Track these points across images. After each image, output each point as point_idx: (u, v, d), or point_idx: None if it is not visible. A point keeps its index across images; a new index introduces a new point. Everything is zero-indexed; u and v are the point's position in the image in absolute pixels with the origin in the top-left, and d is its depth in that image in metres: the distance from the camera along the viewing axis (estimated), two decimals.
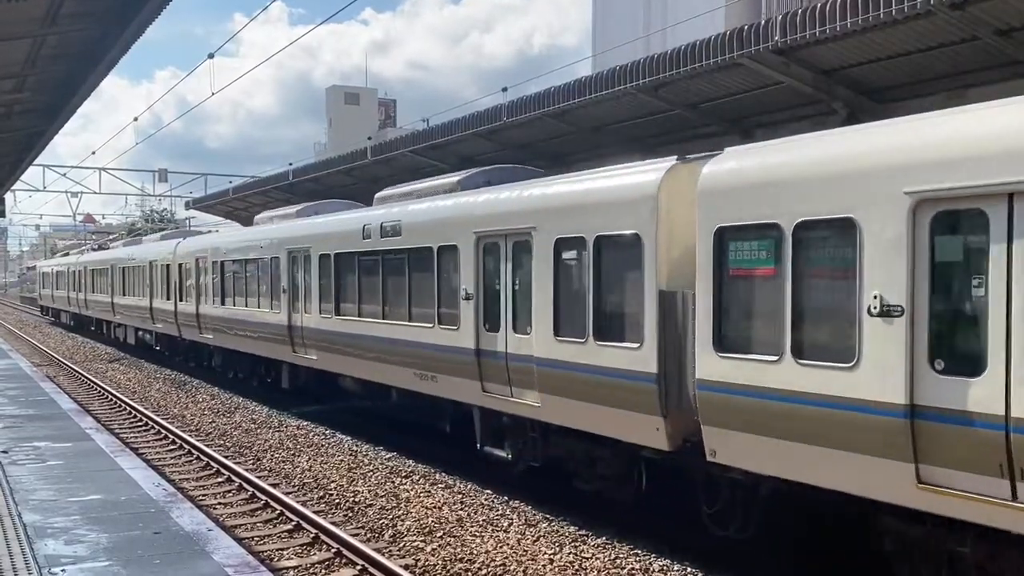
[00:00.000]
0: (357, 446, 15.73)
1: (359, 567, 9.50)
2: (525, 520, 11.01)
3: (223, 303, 22.43)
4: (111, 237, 58.48)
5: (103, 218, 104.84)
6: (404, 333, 14.12)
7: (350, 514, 11.68)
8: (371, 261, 15.41)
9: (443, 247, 12.95)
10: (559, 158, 19.55)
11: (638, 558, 9.56)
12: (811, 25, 11.51)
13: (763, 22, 12.40)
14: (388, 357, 14.61)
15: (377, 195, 16.74)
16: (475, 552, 9.84)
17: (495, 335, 11.84)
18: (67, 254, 63.48)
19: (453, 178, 14.30)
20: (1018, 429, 6.07)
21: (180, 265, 25.95)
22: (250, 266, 20.75)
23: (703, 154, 9.45)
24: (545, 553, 9.75)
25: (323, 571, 9.61)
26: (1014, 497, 6.08)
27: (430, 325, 13.26)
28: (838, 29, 11.17)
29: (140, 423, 18.85)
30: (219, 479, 13.81)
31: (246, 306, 20.85)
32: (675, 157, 9.72)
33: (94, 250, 52.74)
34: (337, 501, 12.29)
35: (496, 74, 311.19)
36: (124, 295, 33.51)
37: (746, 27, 12.59)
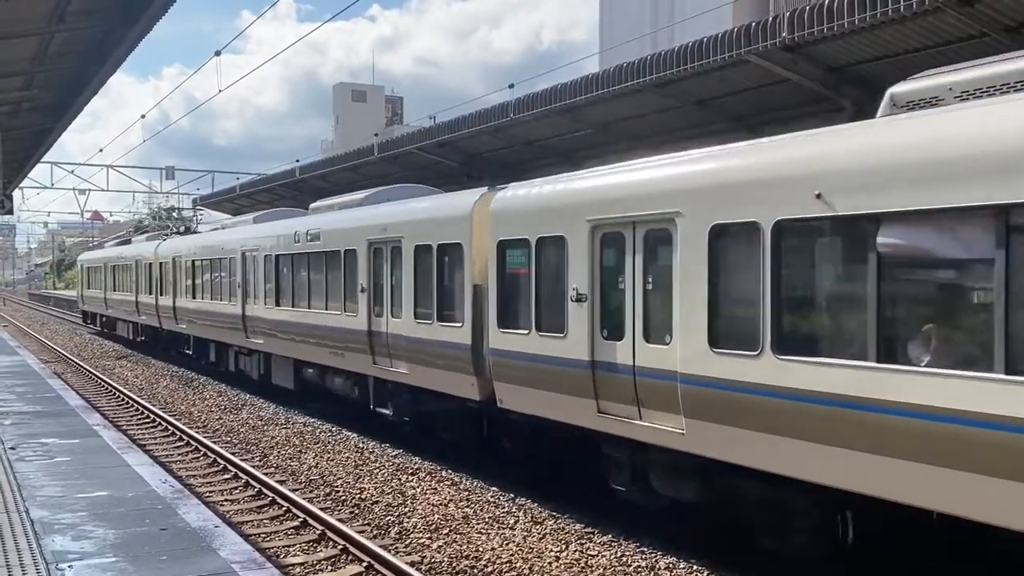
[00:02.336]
0: (363, 443, 15.75)
1: (365, 564, 9.50)
2: (531, 517, 11.01)
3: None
4: (120, 235, 56.10)
5: (111, 215, 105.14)
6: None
7: (356, 511, 11.70)
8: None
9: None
10: (567, 155, 19.54)
11: (644, 556, 9.55)
12: (819, 22, 11.48)
13: (771, 19, 12.38)
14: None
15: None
16: (481, 549, 9.84)
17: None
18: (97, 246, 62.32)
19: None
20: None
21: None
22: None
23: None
24: (551, 550, 9.75)
25: (329, 568, 9.62)
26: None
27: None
28: (846, 26, 11.14)
29: (147, 420, 18.89)
30: (226, 476, 13.84)
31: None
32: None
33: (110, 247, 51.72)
34: (343, 498, 12.31)
35: (504, 70, 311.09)
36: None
37: (753, 24, 12.56)
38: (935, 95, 7.45)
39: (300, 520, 11.19)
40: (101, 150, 40.58)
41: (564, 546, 9.89)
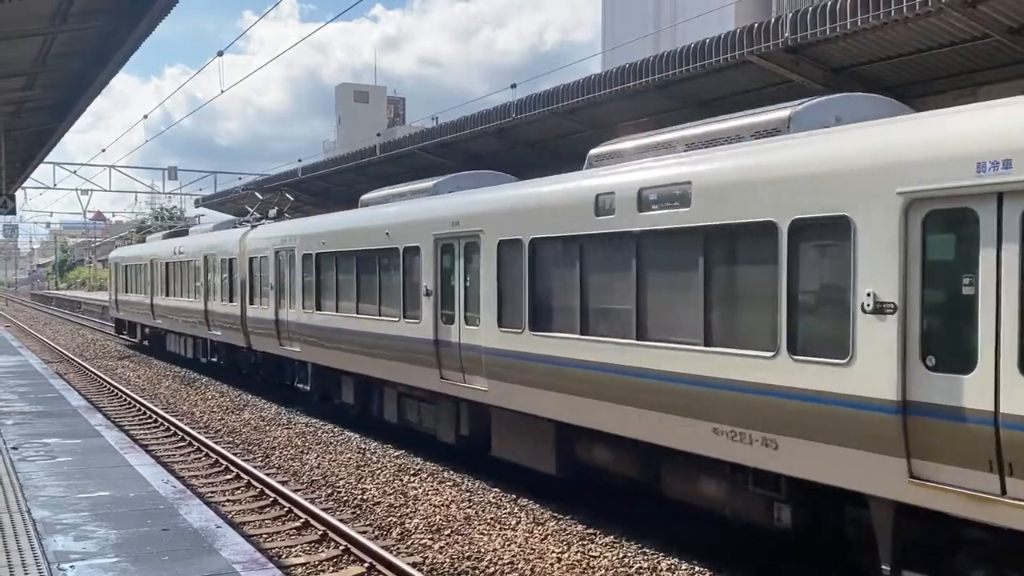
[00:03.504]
0: (365, 444, 15.75)
1: (367, 564, 9.50)
2: (533, 518, 11.00)
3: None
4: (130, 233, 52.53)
5: (113, 216, 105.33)
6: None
7: (358, 512, 11.70)
8: None
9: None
10: (570, 156, 19.52)
11: (646, 557, 9.54)
12: (821, 22, 11.47)
13: (773, 20, 12.37)
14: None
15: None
16: (483, 550, 9.83)
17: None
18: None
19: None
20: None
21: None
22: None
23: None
24: (553, 551, 9.74)
25: (331, 568, 9.61)
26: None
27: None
28: (848, 27, 11.13)
29: (149, 420, 18.90)
30: (228, 476, 13.84)
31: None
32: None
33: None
34: (345, 498, 12.31)
35: (508, 70, 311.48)
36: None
37: (756, 25, 12.55)
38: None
39: (302, 521, 11.19)
40: (104, 150, 40.87)
41: (566, 547, 9.88)
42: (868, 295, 7.00)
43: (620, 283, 9.66)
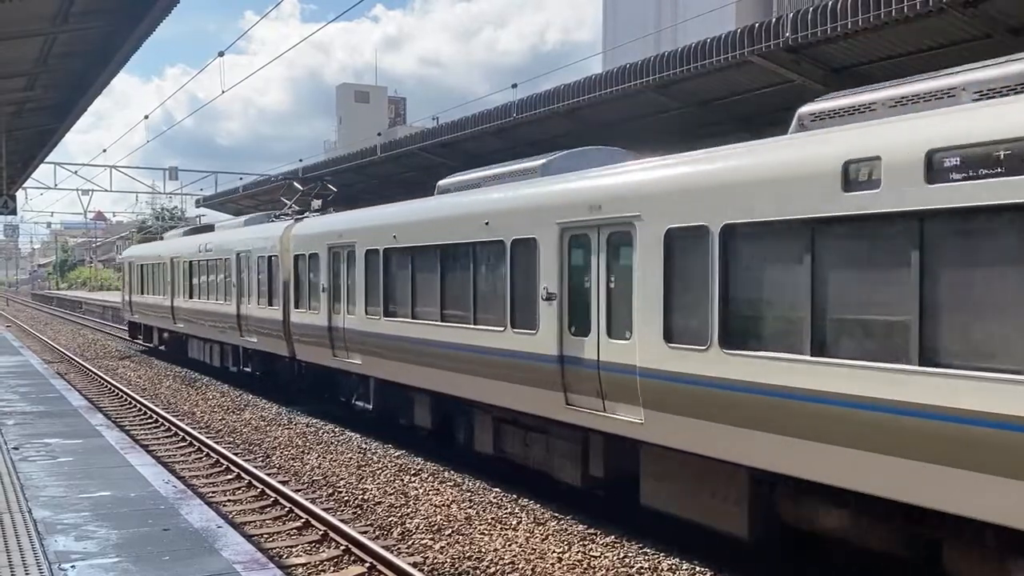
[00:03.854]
0: (366, 444, 15.75)
1: (368, 564, 9.50)
2: (534, 518, 11.00)
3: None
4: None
5: (114, 216, 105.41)
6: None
7: (359, 512, 11.70)
8: None
9: None
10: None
11: (647, 557, 9.54)
12: (822, 22, 11.47)
13: (774, 19, 12.37)
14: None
15: None
16: (484, 550, 9.83)
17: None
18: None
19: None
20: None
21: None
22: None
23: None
24: (554, 551, 9.74)
25: (332, 568, 9.62)
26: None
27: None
28: (849, 26, 11.13)
29: (150, 420, 18.91)
30: (228, 476, 13.85)
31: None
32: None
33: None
34: (346, 498, 12.31)
35: (509, 70, 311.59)
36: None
37: (757, 24, 12.55)
38: None
39: (303, 521, 11.19)
40: (104, 150, 40.92)
41: (567, 547, 9.88)
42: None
43: (888, 286, 7.05)
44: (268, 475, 13.41)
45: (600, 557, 9.56)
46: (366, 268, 15.51)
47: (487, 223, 12.01)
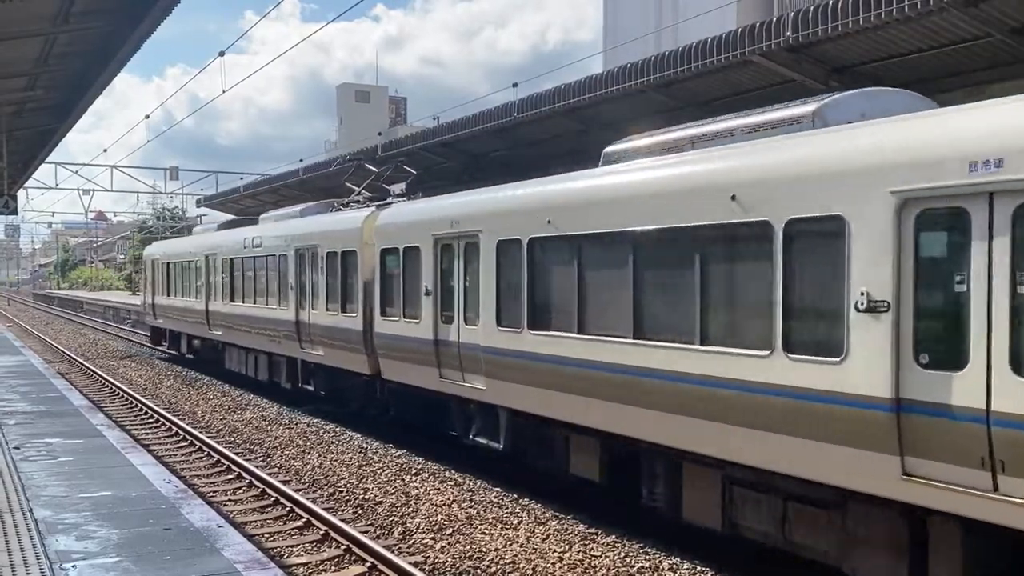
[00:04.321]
0: (367, 443, 15.75)
1: (368, 564, 9.51)
2: (534, 518, 11.00)
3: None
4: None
5: (115, 216, 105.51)
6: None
7: (360, 511, 11.70)
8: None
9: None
10: (571, 155, 19.52)
11: (647, 557, 9.54)
12: (823, 21, 11.47)
13: (775, 19, 12.36)
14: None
15: None
16: (484, 550, 9.83)
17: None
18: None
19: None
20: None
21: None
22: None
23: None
24: (554, 551, 9.74)
25: (333, 568, 9.62)
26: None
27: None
28: (850, 26, 11.12)
29: (151, 420, 18.91)
30: (229, 476, 13.85)
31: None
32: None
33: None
34: (347, 498, 12.31)
35: (510, 70, 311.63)
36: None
37: (757, 24, 12.55)
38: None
39: (303, 520, 11.19)
40: (105, 150, 40.93)
41: (567, 547, 9.88)
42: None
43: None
44: (269, 475, 13.41)
45: (601, 557, 9.56)
46: (498, 265, 11.87)
47: (733, 196, 8.38)
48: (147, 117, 32.19)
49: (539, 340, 11.13)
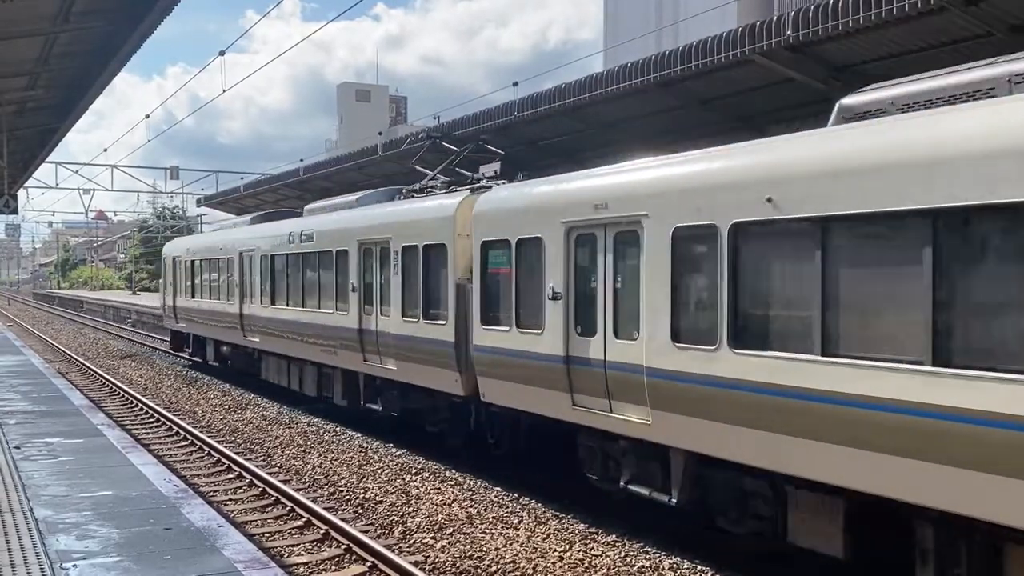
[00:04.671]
0: (367, 443, 15.75)
1: (369, 564, 9.51)
2: (535, 517, 11.00)
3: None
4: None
5: (115, 215, 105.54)
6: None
7: (360, 511, 11.70)
8: None
9: None
10: (572, 154, 19.51)
11: (648, 556, 9.54)
12: (823, 21, 11.47)
13: (775, 18, 12.36)
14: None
15: None
16: (485, 549, 9.83)
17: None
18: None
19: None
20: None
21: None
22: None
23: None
24: (555, 550, 9.74)
25: (333, 567, 9.62)
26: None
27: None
28: (851, 25, 11.13)
29: (152, 419, 18.91)
30: (230, 475, 13.85)
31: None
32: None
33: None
34: (347, 498, 12.31)
35: (511, 69, 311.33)
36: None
37: (758, 23, 12.55)
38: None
39: (304, 520, 11.20)
40: (106, 150, 40.75)
41: (568, 546, 9.88)
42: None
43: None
44: (269, 474, 13.41)
45: (601, 556, 9.56)
46: (675, 260, 9.09)
47: None
48: (147, 116, 32.29)
49: (750, 363, 8.17)
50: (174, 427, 17.65)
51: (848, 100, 8.33)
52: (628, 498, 10.18)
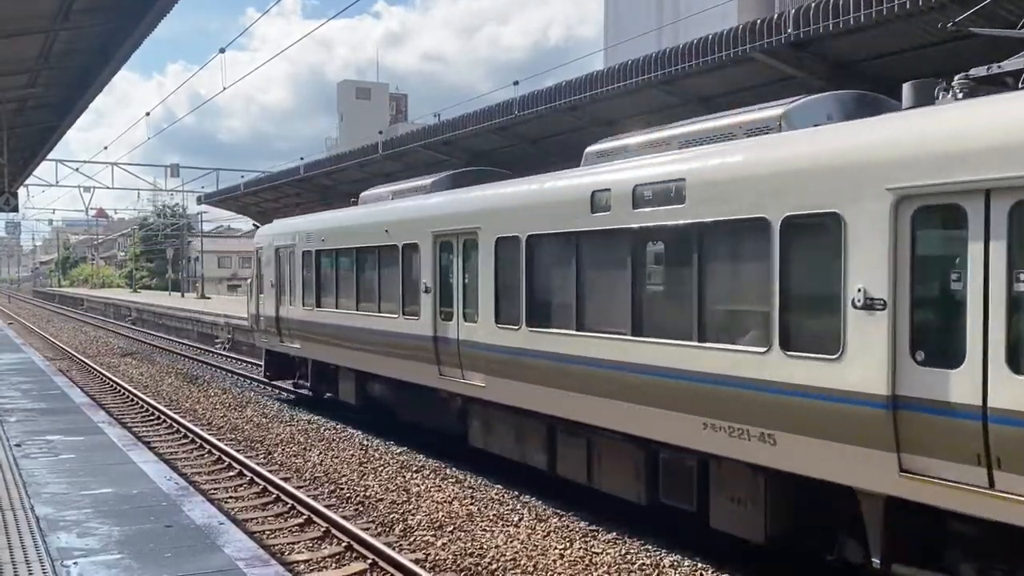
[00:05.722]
0: (368, 441, 15.75)
1: (369, 561, 9.51)
2: (535, 515, 11.00)
3: None
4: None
5: (115, 213, 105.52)
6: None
7: (361, 508, 11.70)
8: None
9: None
10: (572, 153, 19.50)
11: (648, 554, 9.54)
12: (825, 18, 11.44)
13: (776, 15, 12.33)
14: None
15: None
16: (485, 547, 9.83)
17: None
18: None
19: None
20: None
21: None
22: None
23: None
24: (555, 548, 9.74)
25: (334, 565, 9.62)
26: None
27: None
28: (852, 22, 11.10)
29: (152, 417, 18.92)
30: (230, 473, 13.85)
31: None
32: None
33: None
34: (348, 495, 12.31)
35: (512, 67, 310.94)
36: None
37: (759, 21, 12.53)
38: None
39: (304, 517, 11.20)
40: (106, 148, 40.42)
41: (568, 544, 9.88)
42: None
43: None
44: (270, 472, 13.41)
45: (602, 554, 9.56)
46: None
47: None
48: (148, 114, 32.25)
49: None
50: (175, 425, 17.65)
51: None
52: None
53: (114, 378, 24.41)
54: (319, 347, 17.90)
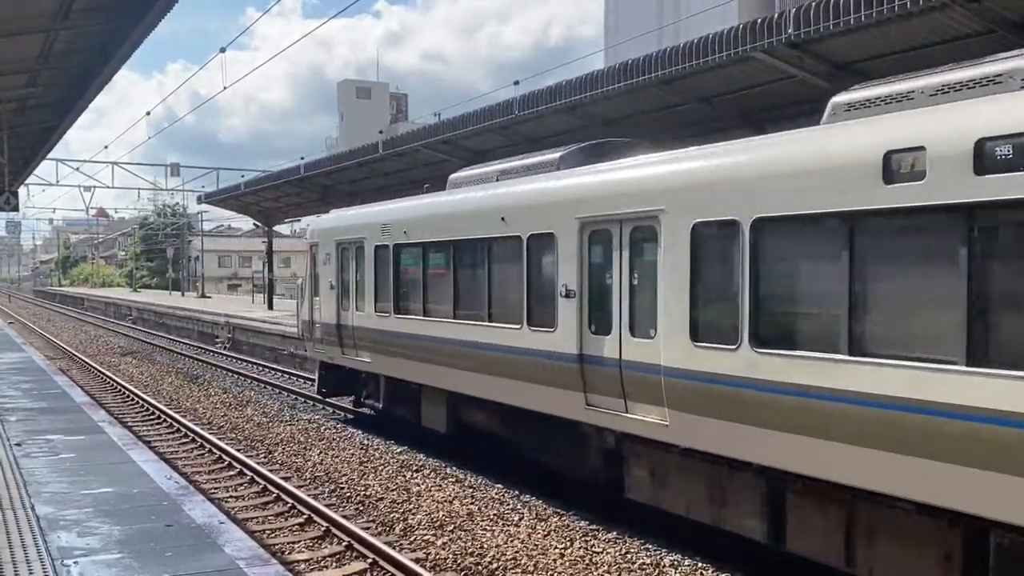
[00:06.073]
0: (368, 440, 15.76)
1: (370, 560, 9.51)
2: (536, 515, 11.01)
3: None
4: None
5: (116, 212, 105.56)
6: None
7: (361, 508, 11.70)
8: None
9: None
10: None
11: (648, 553, 9.55)
12: (825, 18, 11.45)
13: (776, 15, 12.33)
14: None
15: None
16: (486, 546, 9.84)
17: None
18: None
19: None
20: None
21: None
22: None
23: None
24: (556, 548, 9.75)
25: (334, 564, 9.63)
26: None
27: None
28: (852, 22, 11.10)
29: (153, 416, 18.92)
30: (231, 472, 13.86)
31: None
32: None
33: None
34: (348, 495, 12.32)
35: (512, 66, 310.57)
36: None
37: (759, 20, 12.53)
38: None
39: (305, 516, 11.20)
40: (106, 147, 40.32)
41: (569, 543, 9.88)
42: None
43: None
44: (270, 471, 13.42)
45: (602, 553, 9.56)
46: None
47: None
48: (148, 114, 32.27)
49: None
50: (175, 424, 17.66)
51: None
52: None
53: (114, 377, 24.42)
54: (397, 362, 14.85)
